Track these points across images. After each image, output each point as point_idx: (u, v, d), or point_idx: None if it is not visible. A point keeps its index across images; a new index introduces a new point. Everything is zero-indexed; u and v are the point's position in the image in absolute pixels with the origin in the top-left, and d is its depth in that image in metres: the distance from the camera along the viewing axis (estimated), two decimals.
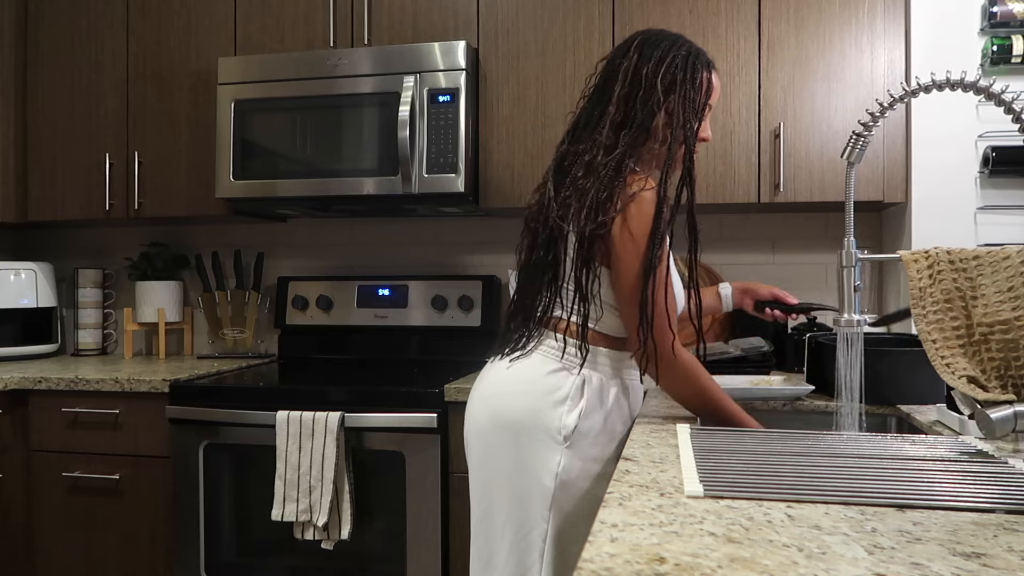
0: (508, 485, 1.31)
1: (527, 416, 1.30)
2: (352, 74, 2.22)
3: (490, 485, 1.35)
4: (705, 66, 1.34)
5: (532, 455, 1.30)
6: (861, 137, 1.26)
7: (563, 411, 1.30)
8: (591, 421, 1.31)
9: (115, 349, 2.86)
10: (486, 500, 1.36)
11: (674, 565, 0.65)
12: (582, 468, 1.30)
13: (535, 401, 1.31)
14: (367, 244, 2.68)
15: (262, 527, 1.98)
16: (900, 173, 2.05)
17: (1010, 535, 0.72)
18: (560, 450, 1.29)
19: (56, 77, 2.53)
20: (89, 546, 2.12)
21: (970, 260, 1.20)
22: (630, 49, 1.34)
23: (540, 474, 1.29)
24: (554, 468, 1.28)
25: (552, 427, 1.29)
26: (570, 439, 1.29)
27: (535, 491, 1.29)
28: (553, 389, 1.31)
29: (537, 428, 1.30)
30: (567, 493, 1.29)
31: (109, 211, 2.47)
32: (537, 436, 1.29)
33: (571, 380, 1.31)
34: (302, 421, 1.88)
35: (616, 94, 1.32)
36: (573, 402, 1.30)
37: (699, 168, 2.13)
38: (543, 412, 1.30)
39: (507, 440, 1.32)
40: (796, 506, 0.82)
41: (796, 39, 2.10)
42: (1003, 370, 1.15)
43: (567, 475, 1.29)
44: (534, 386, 1.32)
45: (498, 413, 1.34)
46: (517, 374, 1.35)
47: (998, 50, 1.94)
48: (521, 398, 1.32)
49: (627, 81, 1.32)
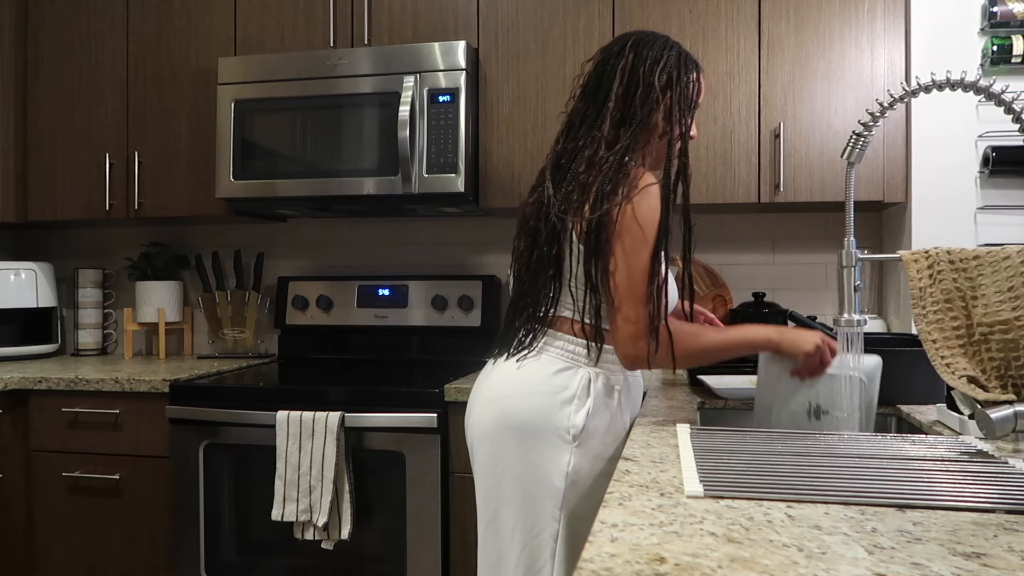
0: (518, 487, 1.31)
1: (536, 417, 1.30)
2: (352, 74, 2.22)
3: (498, 487, 1.34)
4: (694, 66, 1.38)
5: (542, 456, 1.29)
6: (861, 137, 1.26)
7: (571, 410, 1.30)
8: (598, 419, 1.32)
9: (115, 349, 2.86)
10: (494, 503, 1.35)
11: (674, 565, 0.65)
12: (591, 467, 1.31)
13: (543, 401, 1.31)
14: (367, 244, 2.68)
15: (262, 527, 1.98)
16: (900, 173, 2.05)
17: (1010, 535, 0.72)
18: (570, 449, 1.29)
19: (56, 77, 2.53)
20: (89, 546, 2.12)
21: (970, 260, 1.20)
22: (624, 49, 1.35)
23: (551, 474, 1.29)
24: (564, 468, 1.29)
25: (561, 427, 1.29)
26: (579, 438, 1.29)
27: (546, 492, 1.29)
28: (560, 388, 1.31)
29: (546, 429, 1.29)
30: (577, 492, 1.30)
31: (109, 211, 2.47)
32: (546, 437, 1.29)
33: (577, 379, 1.31)
34: (302, 421, 1.88)
35: (614, 92, 1.33)
36: (580, 401, 1.30)
37: (699, 168, 2.14)
38: (552, 412, 1.30)
39: (515, 441, 1.31)
40: (796, 506, 0.82)
41: (796, 39, 2.10)
42: (1003, 370, 1.15)
43: (577, 474, 1.29)
44: (541, 386, 1.32)
45: (505, 414, 1.33)
46: (523, 374, 1.34)
47: (998, 50, 1.94)
48: (528, 399, 1.32)
49: (624, 80, 1.33)
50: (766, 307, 2.25)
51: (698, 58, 2.12)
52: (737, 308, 2.32)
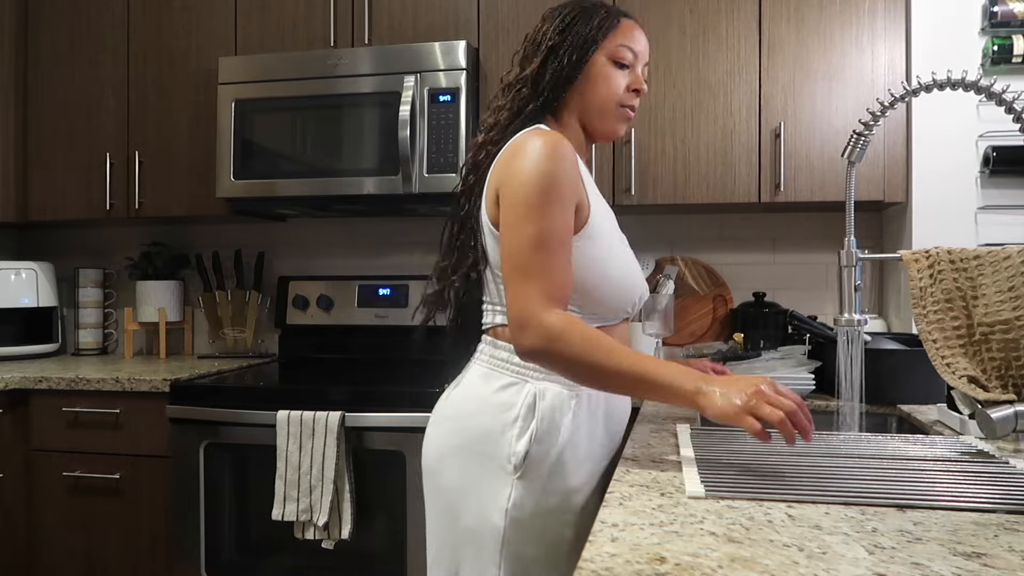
0: (458, 524, 1.12)
1: (475, 441, 1.11)
2: (352, 74, 2.22)
3: (439, 524, 1.16)
4: (608, 10, 1.20)
5: (480, 488, 1.10)
6: (862, 136, 1.26)
7: (513, 435, 1.09)
8: (546, 445, 1.09)
9: (115, 349, 2.86)
10: (436, 541, 1.17)
11: (674, 565, 0.65)
12: (538, 503, 1.08)
13: (485, 423, 1.11)
14: (367, 244, 2.68)
15: (262, 526, 1.98)
16: (901, 173, 2.05)
17: (1010, 535, 0.72)
18: (511, 481, 1.08)
19: (56, 77, 2.53)
20: (90, 546, 2.12)
21: (971, 260, 1.20)
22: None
23: (490, 511, 1.08)
24: (504, 503, 1.08)
25: (501, 454, 1.09)
26: (521, 468, 1.08)
27: (486, 531, 1.09)
28: (505, 407, 1.11)
29: (485, 456, 1.10)
30: (520, 533, 1.08)
31: (110, 211, 2.47)
32: (485, 465, 1.10)
33: (522, 396, 1.11)
34: (302, 421, 1.88)
35: (518, 65, 1.22)
36: (524, 423, 1.09)
37: (699, 168, 2.14)
38: (492, 436, 1.10)
39: (457, 470, 1.13)
40: (796, 506, 0.82)
41: (796, 38, 2.09)
42: (1003, 370, 1.15)
43: (519, 511, 1.07)
44: (485, 405, 1.13)
45: (444, 440, 1.16)
46: (468, 391, 1.17)
47: (999, 50, 1.94)
48: (471, 420, 1.13)
49: (524, 45, 1.22)
50: (766, 307, 2.25)
51: (698, 58, 2.14)
52: (737, 308, 2.33)
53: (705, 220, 2.46)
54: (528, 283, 1.03)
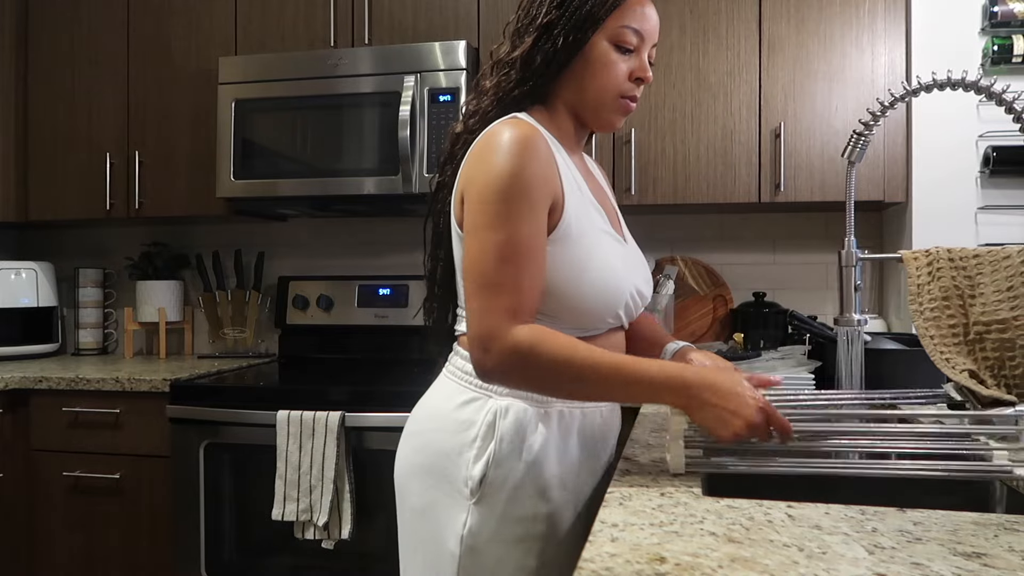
0: (417, 550, 1.06)
1: (434, 461, 1.03)
2: (352, 74, 2.22)
3: (405, 545, 1.10)
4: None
5: (438, 512, 1.02)
6: (862, 136, 1.26)
7: (470, 457, 1.00)
8: (505, 469, 1.00)
9: (116, 348, 2.86)
10: (403, 562, 1.11)
11: (674, 565, 0.65)
12: (497, 531, 0.99)
13: (444, 442, 1.03)
14: (367, 244, 2.68)
15: (262, 526, 1.97)
16: (901, 173, 2.05)
17: (1010, 535, 0.72)
18: (467, 507, 1.00)
19: (57, 77, 2.53)
20: (90, 545, 2.12)
21: (970, 259, 1.20)
22: None
23: (446, 536, 1.01)
24: (459, 529, 1.00)
25: (458, 477, 1.00)
26: (477, 493, 0.99)
27: (442, 557, 1.01)
28: (465, 425, 1.02)
29: (443, 478, 1.02)
30: (476, 562, 1.00)
31: (110, 211, 2.47)
32: (442, 488, 1.02)
33: (483, 414, 1.02)
34: (302, 421, 1.88)
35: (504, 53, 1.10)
36: (483, 443, 1.00)
37: (700, 168, 2.14)
38: (450, 457, 1.02)
39: (417, 491, 1.06)
40: (796, 506, 0.82)
41: (796, 39, 2.10)
42: (996, 369, 1.15)
43: (474, 539, 0.99)
44: (444, 422, 1.04)
45: (407, 459, 1.09)
46: (432, 404, 1.09)
47: (999, 50, 1.94)
48: (430, 437, 1.06)
49: (517, 14, 1.10)
50: (766, 307, 2.25)
51: (698, 58, 2.14)
52: (737, 308, 2.33)
53: (705, 220, 2.46)
54: (493, 298, 0.93)
